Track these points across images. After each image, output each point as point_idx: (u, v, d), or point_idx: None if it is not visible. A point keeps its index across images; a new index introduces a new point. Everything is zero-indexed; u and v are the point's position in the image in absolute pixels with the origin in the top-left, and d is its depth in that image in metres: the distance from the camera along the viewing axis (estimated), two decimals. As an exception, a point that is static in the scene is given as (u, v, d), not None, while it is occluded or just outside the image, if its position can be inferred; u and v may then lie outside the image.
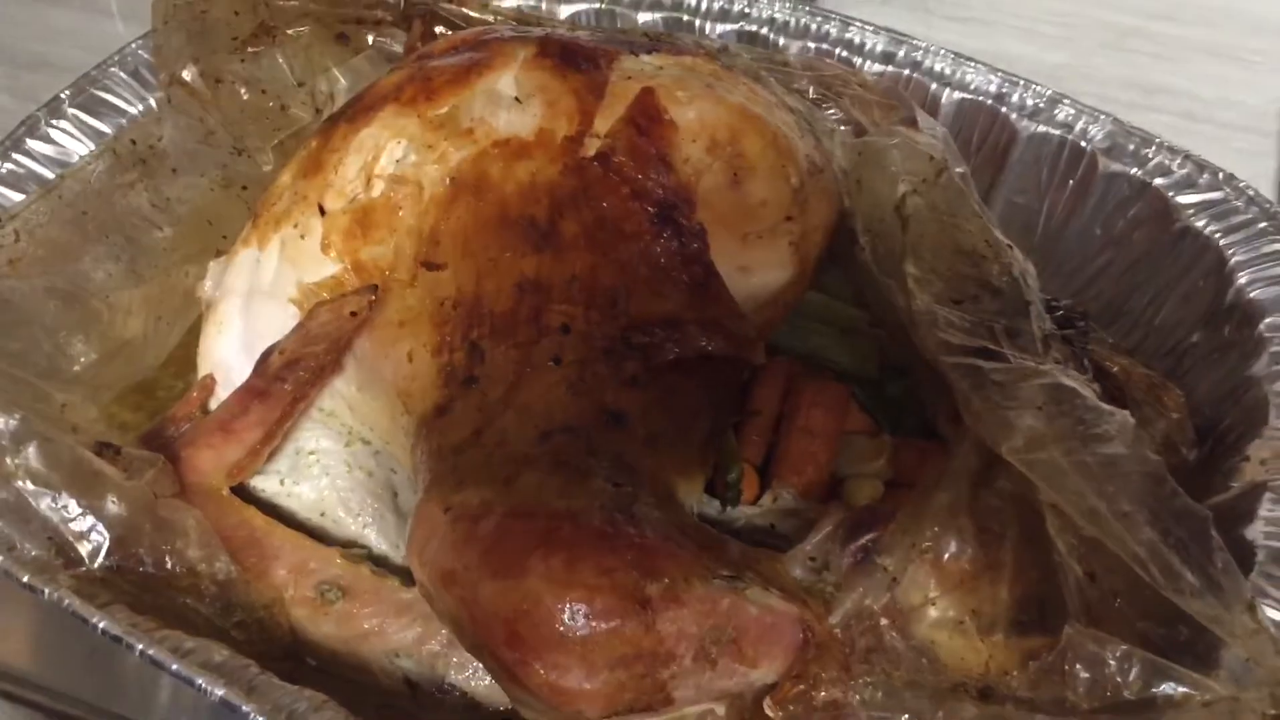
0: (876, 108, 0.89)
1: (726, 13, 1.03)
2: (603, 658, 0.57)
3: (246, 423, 0.72)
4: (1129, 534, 0.56)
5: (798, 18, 1.01)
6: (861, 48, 0.99)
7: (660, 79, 0.72)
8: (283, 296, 0.73)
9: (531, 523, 0.59)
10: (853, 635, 0.63)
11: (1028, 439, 0.60)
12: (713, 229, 0.70)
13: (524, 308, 0.67)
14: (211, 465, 0.72)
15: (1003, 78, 0.95)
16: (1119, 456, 0.58)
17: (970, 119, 0.96)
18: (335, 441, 0.75)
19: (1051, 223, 0.95)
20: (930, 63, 0.97)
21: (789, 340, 0.78)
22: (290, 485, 0.75)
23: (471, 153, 0.70)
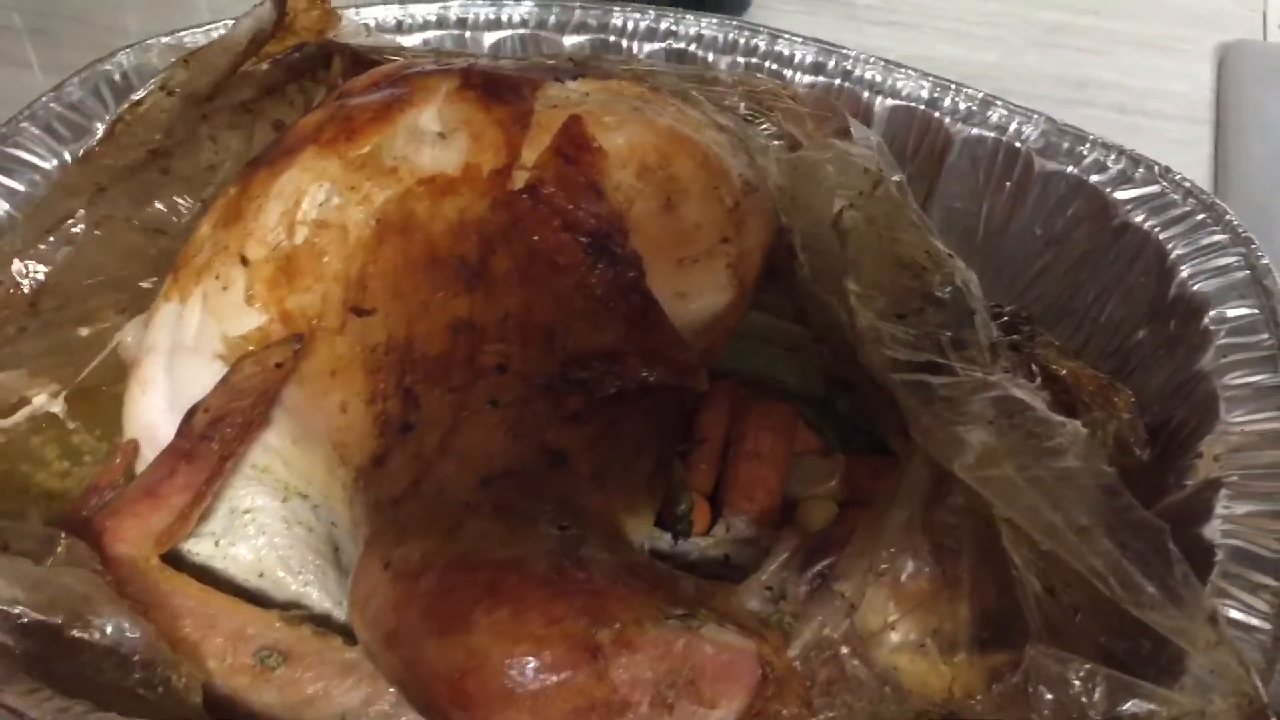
0: (809, 120, 0.88)
1: (654, 31, 1.01)
2: (556, 711, 0.55)
3: (173, 486, 0.69)
4: (1087, 548, 0.55)
5: (725, 33, 1.00)
6: (791, 60, 0.98)
7: (586, 105, 0.70)
8: (208, 352, 0.70)
9: (475, 575, 0.56)
10: (813, 667, 0.62)
11: (979, 455, 0.59)
12: (648, 256, 0.68)
13: (458, 350, 0.65)
14: (138, 534, 0.69)
15: (934, 82, 0.95)
16: (1073, 470, 0.57)
17: (904, 126, 0.95)
18: (271, 498, 0.72)
19: (991, 226, 0.94)
20: (861, 71, 0.96)
21: (732, 361, 0.77)
22: (226, 547, 0.72)
23: (396, 192, 0.68)
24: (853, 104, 0.95)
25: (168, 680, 0.64)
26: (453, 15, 1.04)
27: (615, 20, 1.02)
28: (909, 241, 0.67)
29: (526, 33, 1.03)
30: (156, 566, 0.69)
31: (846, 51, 0.97)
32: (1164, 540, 0.55)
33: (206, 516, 0.72)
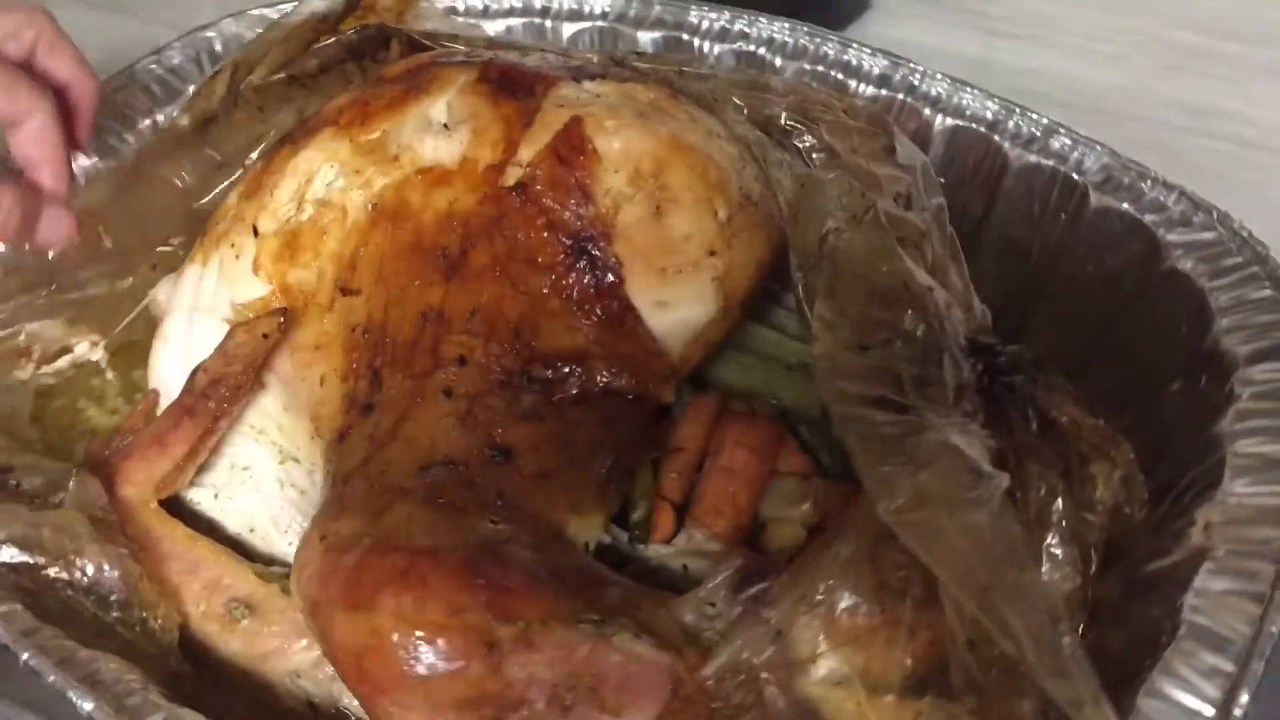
0: (857, 134, 0.86)
1: (726, 32, 1.01)
2: (447, 699, 0.57)
3: (176, 437, 0.74)
4: (984, 608, 0.53)
5: (796, 38, 0.99)
6: (858, 70, 0.96)
7: (592, 107, 0.71)
8: (218, 315, 0.74)
9: (391, 557, 0.58)
10: (727, 689, 0.61)
11: (907, 499, 0.57)
12: (631, 262, 0.69)
13: (424, 337, 0.67)
14: (143, 478, 0.74)
15: (1000, 104, 0.91)
16: (981, 525, 0.55)
17: (964, 146, 0.92)
18: (269, 459, 0.76)
19: (1043, 258, 0.90)
20: (926, 87, 0.94)
21: (729, 376, 0.77)
22: (224, 499, 0.76)
23: (395, 179, 0.71)
24: (913, 120, 0.93)
25: (144, 620, 0.69)
26: (537, 3, 1.06)
27: (691, 18, 1.02)
28: (887, 271, 0.65)
29: (605, 25, 1.04)
30: (154, 510, 0.74)
31: (914, 65, 0.94)
32: (1056, 610, 0.53)
33: (208, 469, 0.77)
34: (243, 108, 0.83)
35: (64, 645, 0.64)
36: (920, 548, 0.56)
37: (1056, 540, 0.68)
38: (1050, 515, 0.68)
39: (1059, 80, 1.26)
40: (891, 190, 0.79)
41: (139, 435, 0.76)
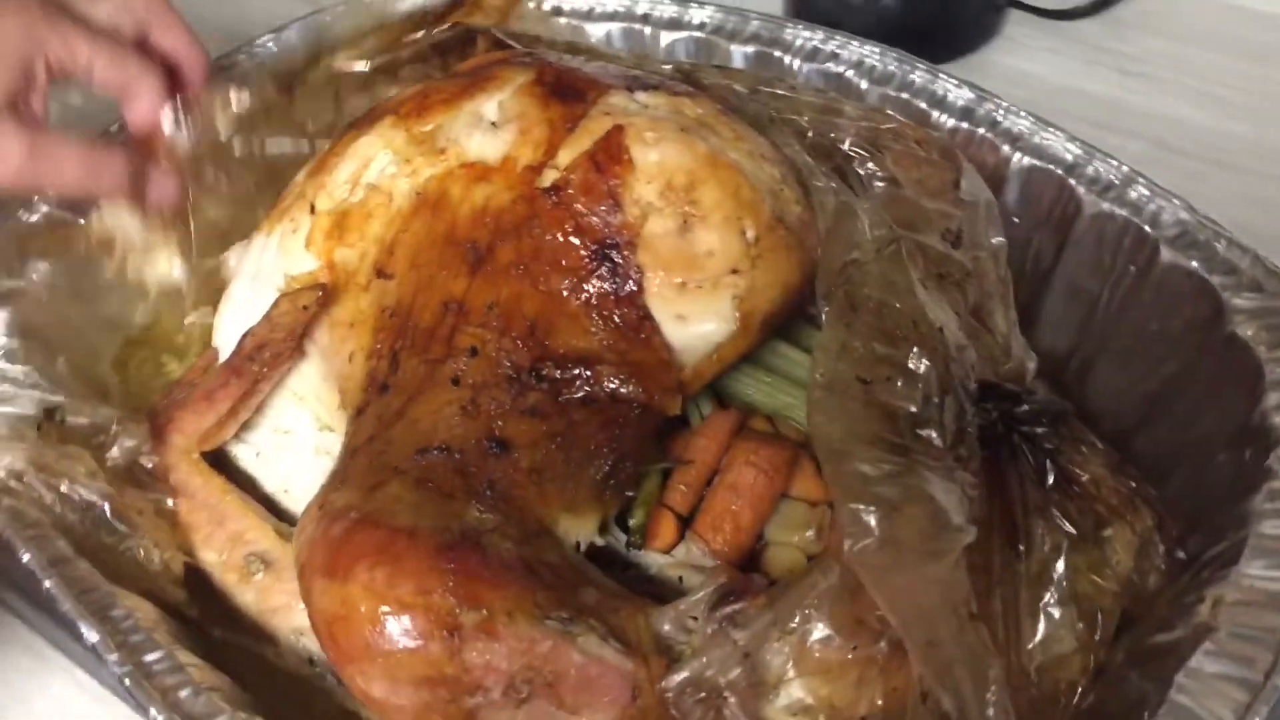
0: (925, 165, 0.86)
1: (817, 52, 1.01)
2: (405, 675, 0.59)
3: (223, 395, 0.78)
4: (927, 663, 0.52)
5: (885, 64, 0.98)
6: (943, 100, 0.95)
7: (636, 118, 0.72)
8: (274, 284, 0.78)
9: (372, 532, 0.61)
10: (687, 705, 0.62)
11: (875, 540, 0.57)
12: (652, 273, 0.70)
13: (443, 326, 0.69)
14: (191, 429, 0.79)
15: (1081, 148, 0.89)
16: (939, 578, 0.54)
17: (1039, 187, 0.90)
18: (308, 425, 0.80)
19: (1109, 309, 0.87)
20: (1008, 124, 0.92)
21: (755, 396, 0.77)
22: (264, 459, 0.80)
23: (440, 171, 0.73)
24: (992, 155, 0.91)
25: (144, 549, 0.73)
26: (639, 9, 1.07)
27: (786, 35, 1.02)
28: (900, 308, 0.65)
29: (702, 36, 1.05)
30: (195, 460, 0.79)
31: (999, 101, 0.92)
32: (988, 676, 0.52)
33: (254, 428, 0.81)
34: (323, 90, 0.87)
35: (86, 578, 0.69)
36: (878, 591, 0.56)
37: (1054, 599, 0.67)
38: (1051, 573, 0.67)
39: (1183, 128, 1.22)
40: (941, 226, 0.78)
41: (193, 389, 0.81)
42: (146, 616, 0.69)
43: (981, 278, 0.80)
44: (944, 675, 0.53)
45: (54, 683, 0.82)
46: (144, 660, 0.64)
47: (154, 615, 0.71)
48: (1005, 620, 0.66)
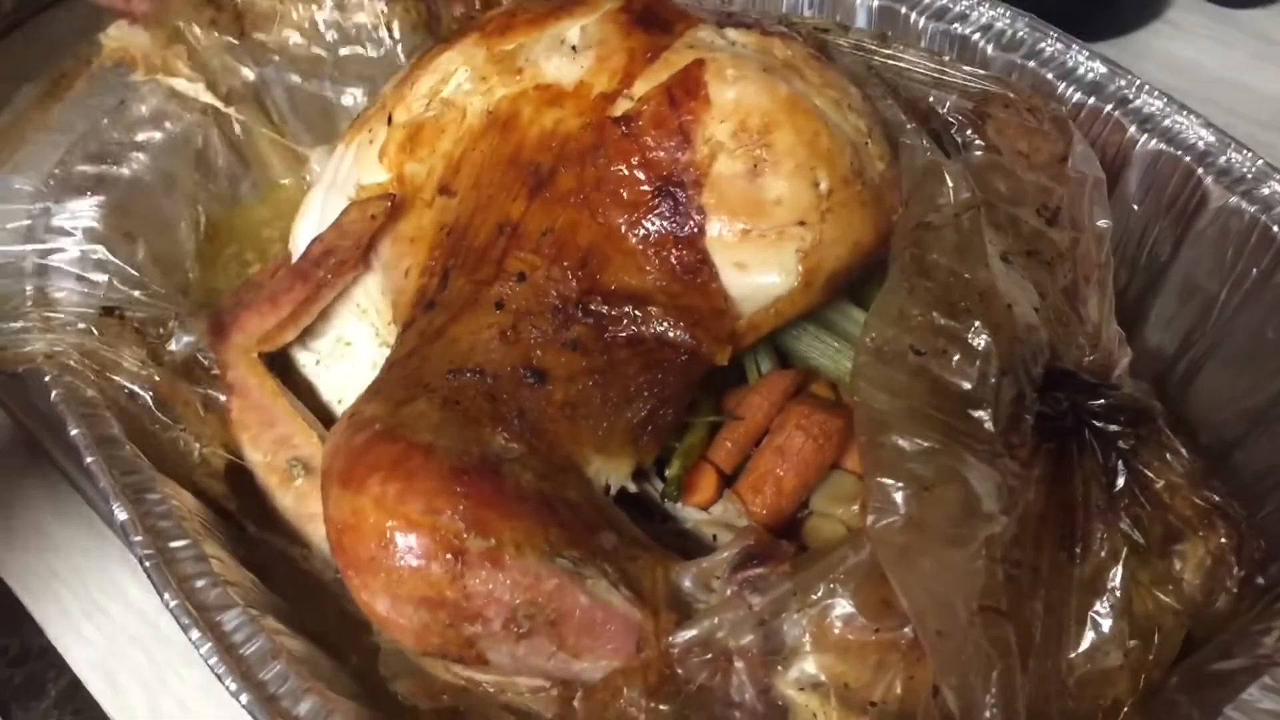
0: (1035, 135, 0.80)
1: (945, 11, 0.95)
2: (406, 592, 0.58)
3: (287, 298, 0.78)
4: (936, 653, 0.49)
5: (1016, 30, 0.92)
6: (1072, 72, 0.88)
7: (720, 54, 0.69)
8: (347, 193, 0.78)
9: (390, 446, 0.60)
10: (692, 665, 0.60)
11: (900, 518, 0.53)
12: (716, 216, 0.67)
13: (495, 248, 0.68)
14: (254, 328, 0.79)
15: (1216, 136, 0.82)
16: (955, 565, 0.50)
17: (1165, 174, 0.83)
18: (369, 339, 0.79)
19: (1226, 310, 0.81)
20: (1140, 103, 0.85)
21: (820, 359, 0.73)
22: (323, 367, 0.81)
23: (513, 91, 0.72)
24: (1118, 135, 0.85)
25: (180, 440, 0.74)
26: (764, -46, 1.03)
27: (916, -9, 0.96)
28: (969, 279, 0.60)
29: (827, -13, 1.00)
30: (253, 360, 0.79)
31: (1133, 78, 0.85)
32: (991, 677, 0.48)
33: (318, 335, 0.81)
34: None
35: (130, 461, 0.70)
36: (894, 572, 0.53)
37: (1106, 609, 0.62)
38: (1104, 580, 0.62)
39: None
40: (1038, 201, 0.73)
41: (260, 290, 0.82)
42: (184, 505, 0.70)
43: (1080, 260, 0.74)
44: (949, 669, 0.49)
45: (109, 563, 0.85)
46: (168, 546, 0.65)
47: (192, 505, 0.71)
48: (1046, 624, 0.61)
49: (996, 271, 0.61)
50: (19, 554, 0.85)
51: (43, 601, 0.83)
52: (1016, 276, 0.64)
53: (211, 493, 0.74)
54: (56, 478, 0.89)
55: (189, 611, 0.62)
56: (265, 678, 0.60)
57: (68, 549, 0.86)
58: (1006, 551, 0.57)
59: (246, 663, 0.60)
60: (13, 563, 0.85)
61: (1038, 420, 0.61)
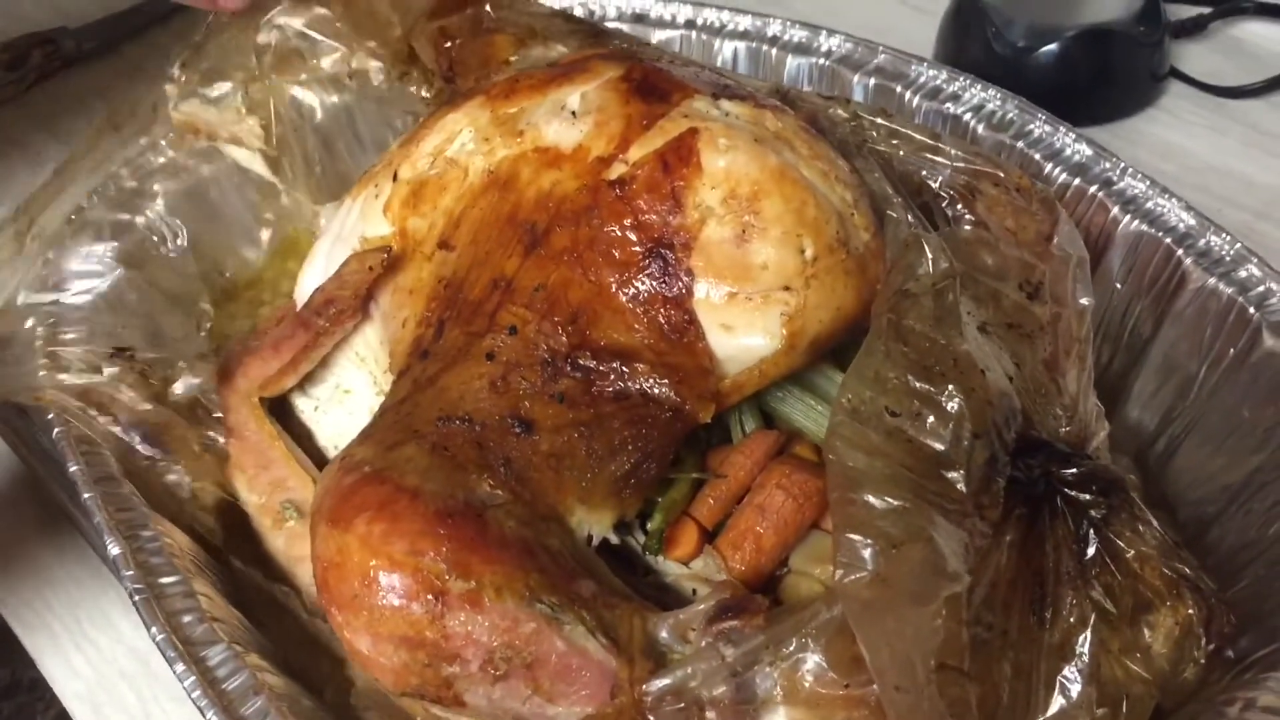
0: (1022, 214, 0.83)
1: (938, 92, 0.99)
2: (387, 631, 0.60)
3: (289, 345, 0.81)
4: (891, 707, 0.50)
5: (1006, 111, 0.95)
6: (1059, 153, 0.92)
7: (713, 124, 0.72)
8: (351, 244, 0.81)
9: (378, 488, 0.62)
10: (666, 711, 0.61)
11: (867, 575, 0.55)
12: (703, 278, 0.69)
13: (489, 302, 0.70)
14: (256, 373, 0.82)
15: (1197, 219, 0.84)
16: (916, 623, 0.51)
17: (1146, 254, 0.86)
18: (367, 387, 0.82)
19: (1204, 389, 0.82)
20: (1123, 185, 0.88)
21: (803, 421, 0.75)
22: (321, 413, 0.83)
23: (514, 152, 0.74)
24: (1101, 215, 0.88)
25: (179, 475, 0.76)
26: (769, 31, 1.07)
27: (911, 71, 1.00)
28: (944, 344, 0.62)
29: (827, 64, 1.04)
30: (254, 404, 0.81)
31: (1117, 161, 0.88)
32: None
33: (318, 383, 0.84)
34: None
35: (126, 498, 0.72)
36: (859, 627, 0.54)
37: (1075, 675, 0.63)
38: (1073, 646, 0.63)
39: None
40: (1021, 276, 0.75)
41: (264, 337, 0.84)
42: (176, 543, 0.72)
43: (1061, 335, 0.76)
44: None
45: (103, 598, 0.86)
46: (158, 581, 0.67)
47: (184, 544, 0.73)
48: (1015, 687, 0.62)
49: (971, 339, 0.63)
50: (15, 587, 0.87)
51: (36, 634, 0.84)
52: (992, 346, 0.66)
53: (200, 527, 0.76)
54: (56, 513, 0.91)
55: (175, 646, 0.63)
56: (247, 713, 0.61)
57: (64, 583, 0.87)
58: (977, 614, 0.59)
59: (229, 697, 0.62)
60: (8, 595, 0.86)
61: (1010, 485, 0.63)
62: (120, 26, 1.45)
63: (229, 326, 0.97)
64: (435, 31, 0.94)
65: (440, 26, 0.94)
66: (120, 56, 1.44)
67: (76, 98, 1.37)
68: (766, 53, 1.07)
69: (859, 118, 0.86)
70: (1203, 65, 1.33)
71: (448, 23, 0.93)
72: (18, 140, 1.31)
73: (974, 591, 0.56)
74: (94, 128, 0.94)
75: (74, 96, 1.38)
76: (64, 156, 1.23)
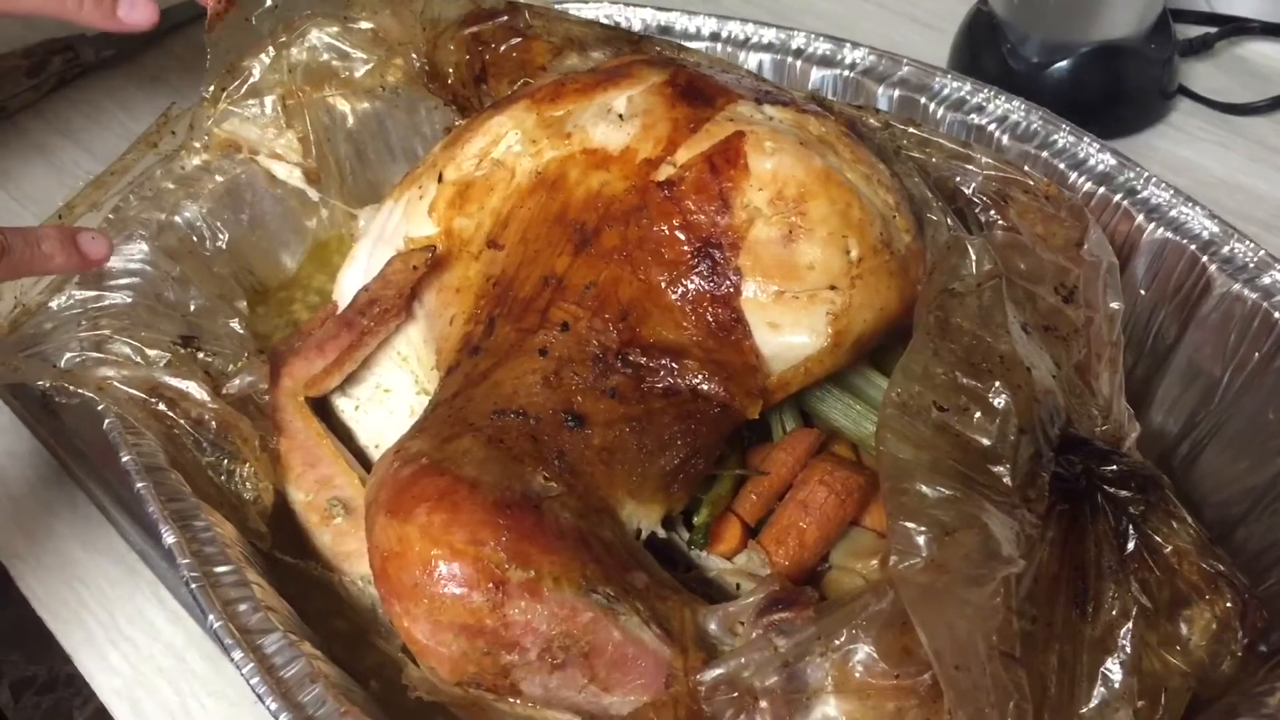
0: (1051, 221, 0.84)
1: (963, 103, 1.00)
2: (447, 620, 0.61)
3: (333, 345, 0.82)
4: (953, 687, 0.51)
5: (1029, 121, 0.97)
6: (1083, 163, 0.93)
7: (758, 127, 0.73)
8: (395, 245, 0.82)
9: (437, 479, 0.63)
10: (719, 703, 0.62)
11: (922, 560, 0.56)
12: (750, 277, 0.70)
13: (540, 299, 0.71)
14: (301, 373, 0.83)
15: (1221, 227, 0.86)
16: (975, 605, 0.53)
17: (1170, 261, 0.87)
18: (407, 387, 0.83)
19: (1228, 393, 0.84)
20: (1147, 194, 0.90)
21: (841, 420, 0.77)
22: (362, 413, 0.84)
23: (562, 154, 0.76)
24: (1125, 224, 0.89)
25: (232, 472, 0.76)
26: (794, 43, 1.09)
27: (935, 83, 1.02)
28: (991, 342, 0.64)
29: (851, 76, 1.06)
30: (300, 403, 0.82)
31: (1141, 170, 0.90)
32: (1008, 710, 0.50)
33: (358, 382, 0.84)
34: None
35: (176, 488, 0.73)
36: (914, 609, 0.55)
37: (1116, 666, 0.64)
38: (1115, 639, 0.65)
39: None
40: (1056, 279, 0.77)
41: (308, 337, 0.85)
42: (225, 533, 0.72)
43: (1093, 339, 0.78)
44: (966, 703, 0.52)
45: (137, 594, 0.87)
46: (213, 570, 0.68)
47: (232, 534, 0.74)
48: (1060, 678, 0.63)
49: (1016, 337, 0.65)
50: (48, 583, 0.87)
51: (70, 630, 0.85)
52: (1034, 344, 0.68)
53: (255, 529, 0.76)
54: (86, 509, 0.92)
55: (232, 633, 0.64)
56: (304, 699, 0.62)
57: (96, 579, 0.87)
58: (1022, 605, 0.60)
59: (286, 685, 0.62)
60: (41, 592, 0.87)
61: (1052, 481, 0.64)
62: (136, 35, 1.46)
63: (261, 326, 0.98)
64: (468, 38, 0.95)
65: (474, 33, 0.95)
66: (137, 65, 1.45)
67: (95, 104, 1.38)
68: (791, 65, 1.08)
69: (890, 125, 0.88)
70: (1209, 83, 1.35)
71: (482, 29, 0.95)
72: (40, 146, 1.32)
73: (1020, 583, 0.57)
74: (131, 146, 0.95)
75: (92, 103, 1.39)
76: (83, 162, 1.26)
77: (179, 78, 1.41)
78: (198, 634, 0.83)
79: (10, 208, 1.22)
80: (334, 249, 1.02)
